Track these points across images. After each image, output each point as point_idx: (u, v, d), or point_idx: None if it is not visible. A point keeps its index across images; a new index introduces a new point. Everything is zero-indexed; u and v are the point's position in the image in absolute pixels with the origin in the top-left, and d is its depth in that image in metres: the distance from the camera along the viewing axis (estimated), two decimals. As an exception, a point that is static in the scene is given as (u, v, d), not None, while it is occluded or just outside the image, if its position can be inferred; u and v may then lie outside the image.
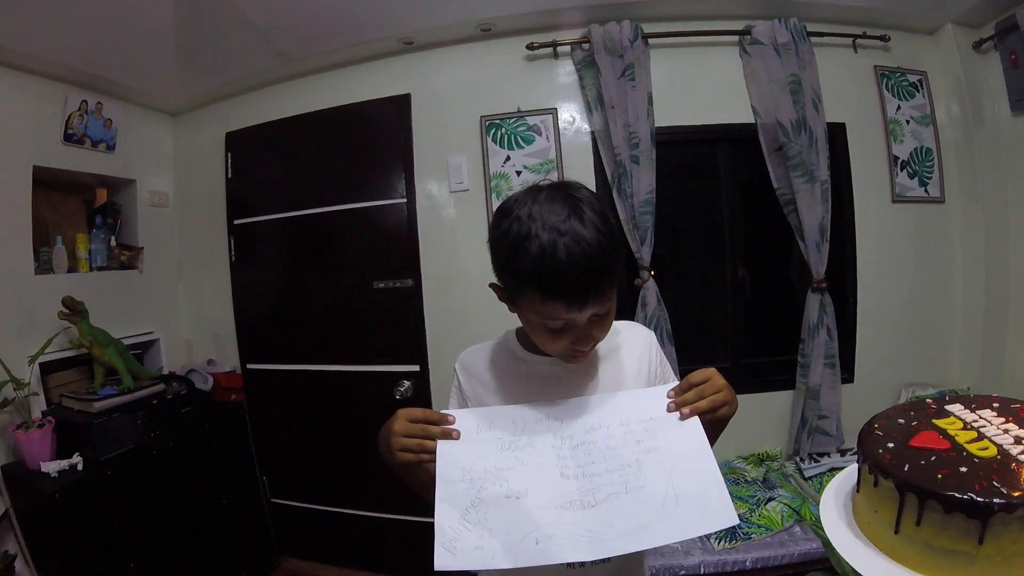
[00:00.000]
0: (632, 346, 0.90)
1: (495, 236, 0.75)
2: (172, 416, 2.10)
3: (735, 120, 2.16)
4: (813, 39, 2.11)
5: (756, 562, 1.72)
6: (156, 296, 2.52)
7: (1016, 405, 0.59)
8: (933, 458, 0.52)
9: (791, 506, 1.87)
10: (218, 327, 2.58)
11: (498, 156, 2.20)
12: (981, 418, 0.57)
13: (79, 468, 1.75)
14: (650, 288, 2.10)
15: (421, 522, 2.21)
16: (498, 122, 2.20)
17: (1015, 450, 0.51)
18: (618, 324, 0.86)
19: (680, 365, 2.11)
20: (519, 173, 2.20)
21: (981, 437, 0.54)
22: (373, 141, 2.29)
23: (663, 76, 2.12)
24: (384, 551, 2.37)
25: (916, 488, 0.49)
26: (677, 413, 0.75)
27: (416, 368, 2.27)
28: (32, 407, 1.88)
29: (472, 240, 2.19)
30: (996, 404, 0.60)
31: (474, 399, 0.88)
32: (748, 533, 1.79)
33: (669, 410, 0.76)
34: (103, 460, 1.81)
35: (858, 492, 0.59)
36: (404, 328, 2.27)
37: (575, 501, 0.70)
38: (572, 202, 0.71)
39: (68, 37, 1.87)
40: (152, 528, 1.90)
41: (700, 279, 2.49)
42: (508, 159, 2.20)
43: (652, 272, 2.10)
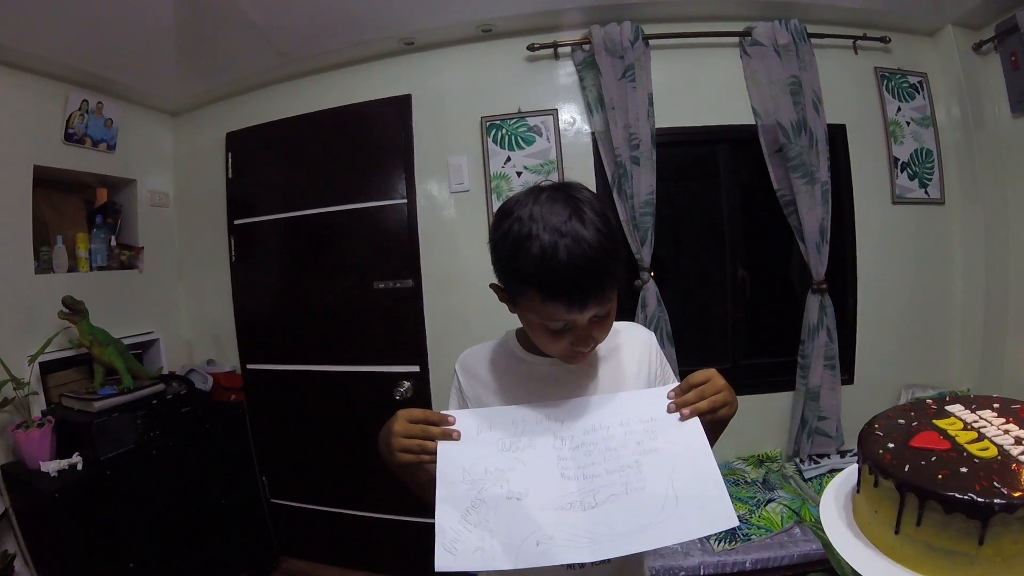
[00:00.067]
0: (632, 347, 0.90)
1: (496, 236, 0.75)
2: (172, 416, 2.10)
3: (735, 121, 2.16)
4: (813, 40, 2.11)
5: (756, 563, 1.72)
6: (156, 296, 2.52)
7: (1016, 406, 0.59)
8: (933, 458, 0.52)
9: (791, 507, 1.87)
10: (218, 327, 2.58)
11: (498, 157, 2.20)
12: (981, 418, 0.57)
13: (79, 468, 1.75)
14: (650, 289, 2.10)
15: (420, 522, 2.21)
16: (499, 123, 2.20)
17: (1015, 451, 0.51)
18: (618, 325, 0.86)
19: (680, 366, 2.11)
20: (519, 174, 2.20)
21: (981, 438, 0.54)
22: (374, 141, 2.29)
23: (663, 77, 2.13)
24: (384, 551, 2.37)
25: (916, 488, 0.49)
26: (677, 414, 0.75)
27: (416, 369, 2.27)
28: (32, 406, 1.88)
29: (472, 241, 2.19)
30: (996, 405, 0.60)
31: (474, 400, 0.88)
32: (748, 534, 1.78)
33: (669, 411, 0.76)
34: (103, 460, 1.80)
35: (858, 492, 0.59)
36: (404, 328, 2.27)
37: (575, 502, 0.70)
38: (573, 203, 0.71)
39: (69, 37, 1.87)
40: (152, 528, 1.90)
41: (700, 280, 2.49)
42: (508, 160, 2.20)
43: (652, 273, 2.10)
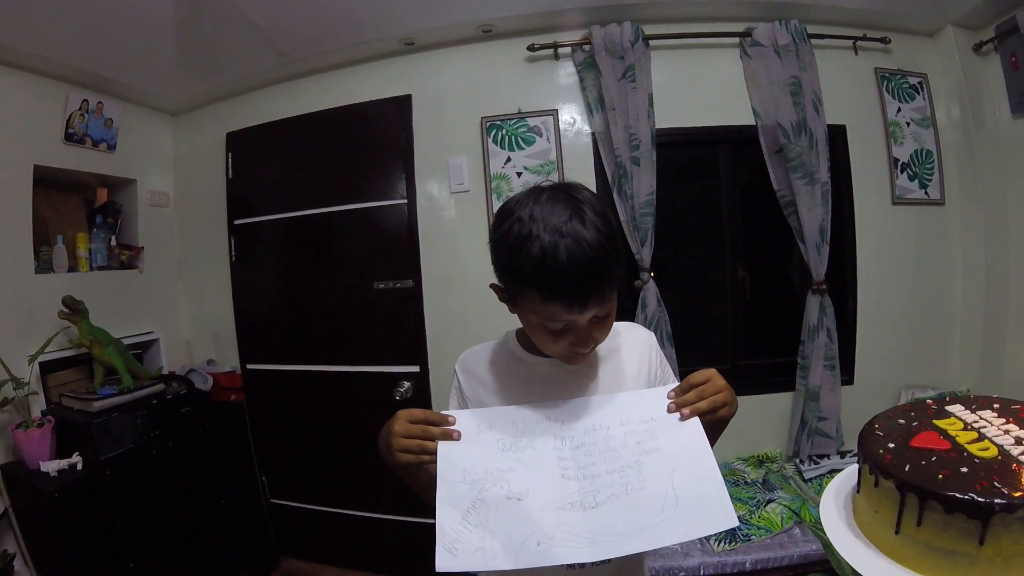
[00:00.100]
0: (632, 347, 0.90)
1: (496, 237, 0.75)
2: (172, 416, 2.10)
3: (735, 122, 2.16)
4: (814, 41, 2.11)
5: (756, 564, 1.72)
6: (156, 296, 2.52)
7: (1017, 406, 0.59)
8: (934, 458, 0.52)
9: (791, 508, 1.87)
10: (218, 327, 2.58)
11: (499, 157, 2.20)
12: (982, 419, 0.57)
13: (78, 468, 1.75)
14: (650, 289, 2.10)
15: (420, 523, 2.21)
16: (499, 123, 2.20)
17: (1016, 451, 0.51)
18: (618, 325, 0.86)
19: (680, 366, 2.11)
20: (520, 174, 2.20)
21: (982, 438, 0.54)
22: (374, 142, 2.29)
23: (664, 78, 2.13)
24: (383, 552, 2.37)
25: (917, 488, 0.49)
26: (677, 414, 0.75)
27: (416, 369, 2.26)
28: (32, 406, 1.88)
29: (472, 241, 2.19)
30: (996, 405, 0.60)
31: (474, 400, 0.88)
32: (748, 535, 1.78)
33: (669, 411, 0.76)
34: (103, 460, 1.80)
35: (858, 493, 0.59)
36: (404, 329, 2.27)
37: (576, 502, 0.70)
38: (574, 203, 0.71)
39: (69, 36, 1.87)
40: (152, 528, 1.90)
41: (700, 280, 2.48)
42: (509, 160, 2.20)
43: (652, 273, 2.10)
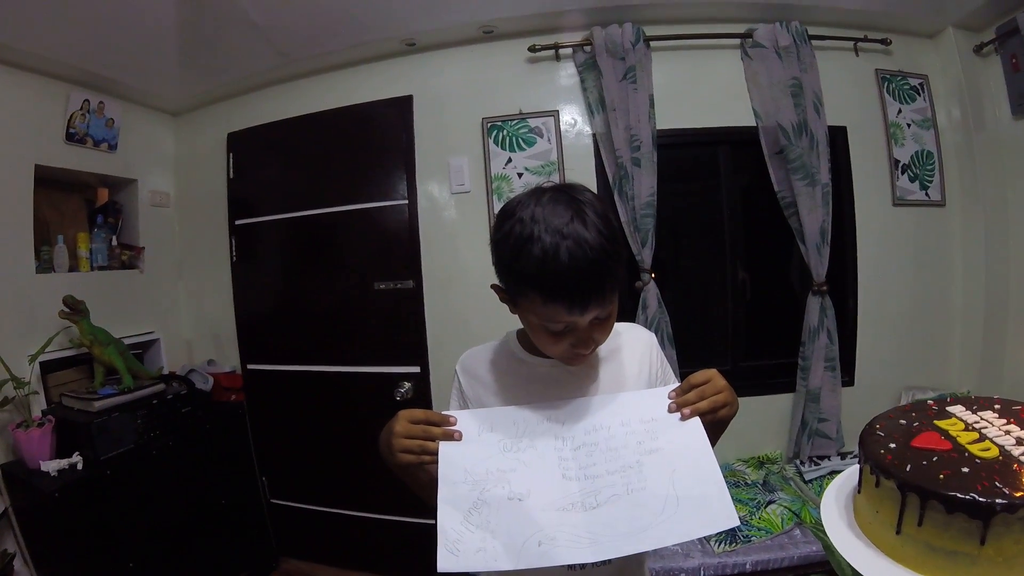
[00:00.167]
0: (633, 348, 0.90)
1: (497, 238, 0.75)
2: (172, 416, 2.10)
3: (736, 123, 2.16)
4: (814, 42, 2.11)
5: (756, 565, 1.72)
6: (156, 296, 2.52)
7: (1017, 407, 0.59)
8: (935, 459, 0.52)
9: (791, 509, 1.87)
10: (218, 327, 2.58)
11: (499, 158, 2.20)
12: (982, 419, 0.57)
13: (79, 467, 1.75)
14: (651, 290, 2.10)
15: (420, 523, 2.21)
16: (500, 124, 2.21)
17: (1017, 451, 0.51)
18: (619, 326, 0.86)
19: (681, 367, 2.11)
20: (520, 175, 2.20)
21: (983, 438, 0.54)
22: (374, 142, 2.29)
23: (665, 79, 2.13)
24: (383, 552, 2.36)
25: (918, 488, 0.49)
26: (678, 414, 0.75)
27: (417, 369, 2.26)
28: (32, 406, 1.88)
29: (473, 242, 2.19)
30: (997, 405, 0.60)
31: (475, 401, 0.88)
32: (748, 536, 1.78)
33: (670, 411, 0.76)
34: (103, 459, 1.80)
35: (859, 493, 0.59)
36: (405, 329, 2.27)
37: (577, 503, 0.70)
38: (575, 205, 0.71)
39: (70, 36, 1.87)
40: (151, 528, 1.90)
41: (701, 281, 2.48)
42: (509, 161, 2.20)
43: (653, 274, 2.10)
